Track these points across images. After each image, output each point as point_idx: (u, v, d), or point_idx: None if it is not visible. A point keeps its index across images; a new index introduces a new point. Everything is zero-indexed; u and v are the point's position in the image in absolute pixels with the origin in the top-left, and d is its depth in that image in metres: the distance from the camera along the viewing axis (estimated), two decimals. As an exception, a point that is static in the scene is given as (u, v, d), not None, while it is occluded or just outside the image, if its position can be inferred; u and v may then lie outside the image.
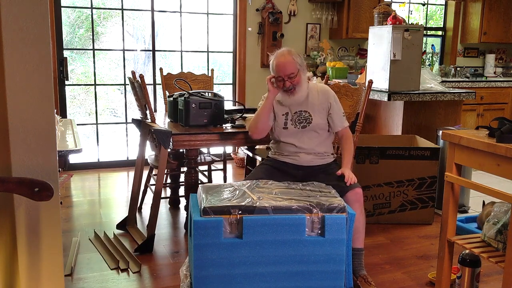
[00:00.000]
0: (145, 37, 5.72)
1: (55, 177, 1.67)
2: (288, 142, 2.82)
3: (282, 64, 2.70)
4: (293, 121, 2.81)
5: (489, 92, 5.96)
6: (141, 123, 3.58)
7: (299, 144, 2.80)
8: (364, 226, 2.68)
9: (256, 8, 5.46)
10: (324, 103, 2.83)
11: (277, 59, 2.73)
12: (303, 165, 2.81)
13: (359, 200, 2.63)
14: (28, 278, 1.69)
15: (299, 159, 2.81)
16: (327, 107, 2.83)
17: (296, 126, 2.81)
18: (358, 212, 2.61)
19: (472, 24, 6.45)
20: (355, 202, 2.60)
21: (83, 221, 3.68)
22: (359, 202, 2.63)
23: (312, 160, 2.82)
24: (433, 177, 3.60)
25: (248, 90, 5.60)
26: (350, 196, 2.60)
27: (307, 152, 2.81)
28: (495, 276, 2.82)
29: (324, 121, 2.83)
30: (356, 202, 2.61)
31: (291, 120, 2.81)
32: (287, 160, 2.84)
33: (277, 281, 2.27)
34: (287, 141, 2.83)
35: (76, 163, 5.05)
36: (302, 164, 2.81)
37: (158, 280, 2.77)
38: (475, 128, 2.37)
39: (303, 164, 2.81)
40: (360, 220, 2.63)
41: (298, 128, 2.80)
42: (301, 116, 2.81)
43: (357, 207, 2.60)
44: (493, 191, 2.09)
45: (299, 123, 2.80)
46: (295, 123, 2.81)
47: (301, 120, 2.80)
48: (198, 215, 2.24)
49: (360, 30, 5.66)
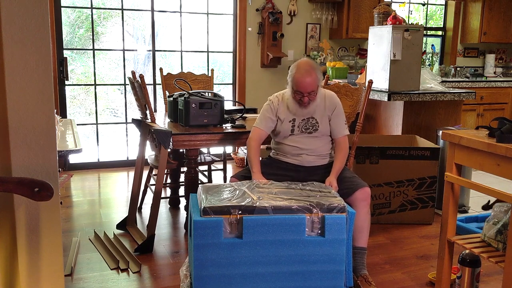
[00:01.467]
0: (145, 37, 5.72)
1: (55, 177, 1.67)
2: (292, 145, 2.82)
3: (306, 84, 2.64)
4: (300, 127, 2.80)
5: (489, 92, 5.96)
6: (141, 123, 3.58)
7: (303, 146, 2.80)
8: (369, 226, 2.68)
9: (256, 8, 5.46)
10: (329, 109, 2.82)
11: (302, 77, 2.65)
12: (305, 165, 2.82)
13: (367, 199, 2.64)
14: (28, 278, 1.69)
15: (302, 160, 2.82)
16: (331, 113, 2.82)
17: (302, 132, 2.80)
18: (365, 211, 2.63)
19: (472, 24, 6.45)
20: (362, 200, 2.61)
21: (83, 221, 3.68)
22: (367, 201, 2.64)
23: (314, 161, 2.82)
24: (433, 177, 3.60)
25: (248, 90, 5.60)
26: (359, 195, 2.61)
27: (310, 154, 2.81)
28: (495, 276, 2.82)
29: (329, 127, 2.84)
30: (364, 201, 2.62)
31: (298, 126, 2.80)
32: (289, 161, 2.84)
33: (277, 281, 2.27)
34: (291, 144, 2.82)
35: (76, 163, 5.05)
36: (304, 164, 2.82)
37: (158, 280, 2.77)
38: (475, 128, 2.37)
39: (304, 165, 2.82)
40: (366, 219, 2.64)
41: (305, 134, 2.80)
42: (308, 123, 2.80)
43: (364, 205, 2.62)
44: (493, 191, 2.09)
45: (306, 130, 2.80)
46: (301, 130, 2.80)
47: (308, 126, 2.80)
48: (198, 215, 2.24)
49: (360, 30, 5.66)
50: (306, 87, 2.66)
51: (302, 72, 2.66)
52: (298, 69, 2.68)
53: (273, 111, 2.83)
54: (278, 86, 5.64)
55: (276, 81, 5.67)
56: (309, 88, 2.66)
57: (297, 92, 2.69)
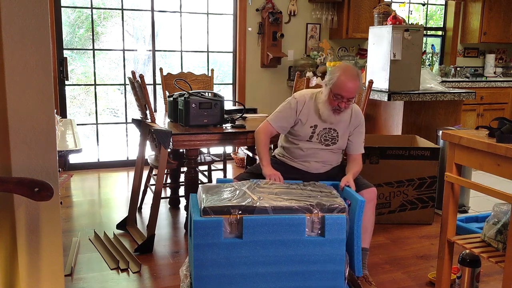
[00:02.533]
0: (145, 37, 5.71)
1: (55, 177, 1.66)
2: (305, 152, 2.77)
3: (350, 89, 2.55)
4: (319, 136, 2.73)
5: (489, 92, 5.96)
6: (141, 123, 3.58)
7: (315, 156, 2.77)
8: (373, 227, 2.68)
9: (256, 8, 5.46)
10: (353, 125, 2.76)
11: (348, 81, 2.54)
12: (312, 172, 2.79)
13: (373, 199, 2.63)
14: (28, 278, 1.69)
15: (309, 166, 2.79)
16: (354, 129, 2.77)
17: (321, 142, 2.74)
18: (371, 212, 2.62)
19: (472, 24, 6.45)
20: (369, 201, 2.60)
21: (83, 221, 3.68)
22: (373, 201, 2.64)
23: (320, 168, 2.80)
24: (433, 177, 3.60)
25: (248, 90, 5.60)
26: (365, 194, 2.59)
27: (318, 161, 2.79)
28: (495, 276, 2.82)
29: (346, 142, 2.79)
30: (371, 201, 2.61)
31: (318, 134, 2.73)
32: (296, 165, 2.81)
33: (277, 281, 2.27)
34: (304, 150, 2.77)
35: (76, 163, 5.05)
36: (310, 171, 2.79)
37: (158, 280, 2.77)
38: (475, 128, 2.37)
39: (311, 171, 2.79)
40: (370, 220, 2.64)
41: (322, 145, 2.74)
42: (329, 134, 2.74)
43: (370, 206, 2.61)
44: (493, 191, 2.09)
45: (325, 141, 2.74)
46: (320, 139, 2.74)
47: (327, 138, 2.74)
48: (198, 215, 2.24)
49: (360, 30, 5.66)
50: (350, 92, 2.55)
51: (348, 75, 2.55)
52: (344, 72, 2.56)
53: (295, 111, 2.72)
54: (278, 86, 5.65)
55: (276, 81, 5.67)
56: (351, 93, 2.56)
57: (337, 96, 2.58)
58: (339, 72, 2.58)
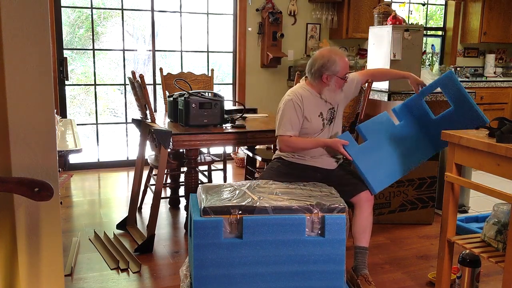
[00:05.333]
0: (145, 37, 5.72)
1: (55, 177, 1.66)
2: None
3: (348, 64, 2.71)
4: (326, 119, 2.76)
5: (489, 92, 5.96)
6: (141, 123, 3.58)
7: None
8: (371, 227, 2.68)
9: (256, 8, 5.46)
10: (345, 89, 2.79)
11: (345, 58, 2.69)
12: (324, 167, 2.76)
13: (371, 200, 2.66)
14: (28, 278, 1.69)
15: (322, 161, 2.76)
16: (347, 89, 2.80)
17: (327, 123, 2.77)
18: (369, 212, 2.64)
19: (472, 24, 6.45)
20: (367, 201, 2.63)
21: (83, 221, 3.68)
22: (371, 201, 2.66)
23: (331, 164, 2.78)
24: (433, 177, 3.60)
25: (248, 90, 5.60)
26: (363, 195, 2.62)
27: (329, 155, 2.77)
28: (495, 276, 2.82)
29: (344, 103, 2.88)
30: (368, 201, 2.64)
31: (326, 119, 2.76)
32: (308, 163, 2.75)
33: (277, 281, 2.27)
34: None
35: (76, 163, 5.05)
36: (323, 166, 2.76)
37: (158, 280, 2.77)
38: (475, 128, 2.37)
39: (324, 167, 2.76)
40: (369, 220, 2.65)
41: (329, 125, 2.78)
42: (331, 113, 2.78)
43: (368, 206, 2.64)
44: (493, 191, 2.09)
45: (329, 121, 2.77)
46: (327, 122, 2.77)
47: (330, 117, 2.78)
48: (198, 215, 2.24)
49: (360, 30, 5.66)
50: (348, 68, 2.71)
51: (341, 55, 2.69)
52: (336, 54, 2.67)
53: (301, 111, 2.69)
54: (278, 86, 5.65)
55: (276, 81, 5.67)
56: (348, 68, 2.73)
57: (345, 76, 2.70)
58: (335, 57, 2.65)
